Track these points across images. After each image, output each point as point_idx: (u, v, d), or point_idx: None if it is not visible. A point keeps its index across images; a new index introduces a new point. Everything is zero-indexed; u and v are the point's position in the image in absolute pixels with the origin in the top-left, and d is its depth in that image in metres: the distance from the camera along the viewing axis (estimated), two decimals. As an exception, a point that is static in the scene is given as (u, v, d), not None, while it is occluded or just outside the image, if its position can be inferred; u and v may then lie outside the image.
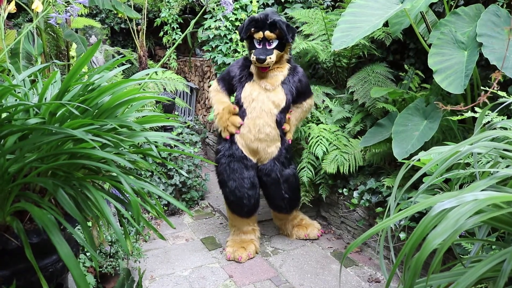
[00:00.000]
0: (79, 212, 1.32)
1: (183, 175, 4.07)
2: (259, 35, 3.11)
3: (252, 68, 3.25)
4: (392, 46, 4.13)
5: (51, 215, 1.23)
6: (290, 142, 3.40)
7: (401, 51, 4.27)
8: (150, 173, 3.92)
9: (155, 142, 1.66)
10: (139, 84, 2.86)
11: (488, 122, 1.98)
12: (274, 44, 3.13)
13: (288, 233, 3.65)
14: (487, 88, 2.24)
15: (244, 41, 3.28)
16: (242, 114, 3.23)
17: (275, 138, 3.27)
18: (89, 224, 1.78)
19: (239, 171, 3.22)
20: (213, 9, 4.85)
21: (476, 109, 2.10)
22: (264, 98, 3.17)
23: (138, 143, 1.66)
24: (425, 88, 3.58)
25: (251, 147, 3.24)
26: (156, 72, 4.93)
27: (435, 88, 3.30)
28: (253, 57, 3.10)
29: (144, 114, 1.66)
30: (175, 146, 3.74)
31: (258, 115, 3.17)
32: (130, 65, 6.39)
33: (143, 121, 1.60)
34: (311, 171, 3.58)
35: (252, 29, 3.11)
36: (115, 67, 1.93)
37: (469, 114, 2.06)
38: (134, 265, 3.08)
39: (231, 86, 3.32)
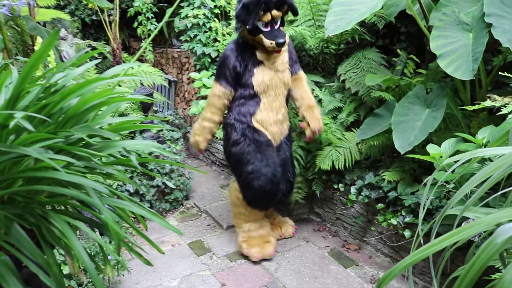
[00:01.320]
0: (44, 247, 1.06)
1: (167, 184, 3.79)
2: (267, 17, 2.76)
3: (258, 53, 2.93)
4: (382, 30, 3.92)
5: (5, 255, 0.97)
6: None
7: (390, 35, 4.06)
8: (130, 176, 3.63)
9: (137, 150, 1.40)
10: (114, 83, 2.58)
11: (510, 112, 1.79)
12: (279, 22, 2.86)
13: None
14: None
15: (241, 26, 2.87)
16: (256, 101, 2.97)
17: (286, 117, 3.14)
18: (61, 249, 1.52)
19: (270, 156, 2.97)
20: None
21: (495, 97, 1.89)
22: (277, 81, 2.95)
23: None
24: (420, 73, 3.38)
25: (270, 130, 3.02)
26: (131, 66, 4.61)
27: (432, 74, 3.11)
28: (271, 43, 2.76)
29: (120, 119, 1.39)
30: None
31: (274, 98, 2.97)
32: (103, 59, 6.03)
33: (119, 128, 1.33)
34: (299, 165, 3.36)
35: (261, 12, 2.74)
36: (86, 62, 1.65)
37: (489, 103, 1.85)
38: (117, 278, 2.82)
39: (237, 77, 2.96)
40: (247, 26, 2.75)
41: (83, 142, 1.26)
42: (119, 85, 3.92)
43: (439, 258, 2.17)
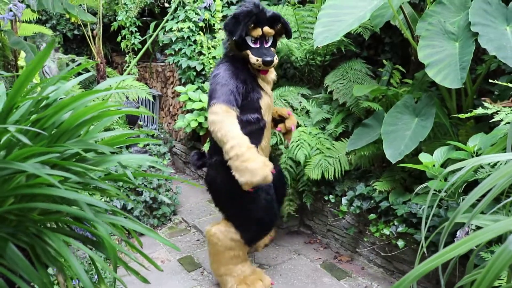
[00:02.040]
0: (38, 268, 1.01)
1: (162, 198, 3.69)
2: (257, 32, 2.52)
3: (254, 71, 2.67)
4: (366, 41, 3.96)
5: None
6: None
7: (375, 46, 4.10)
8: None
9: (130, 164, 1.37)
10: (98, 97, 2.54)
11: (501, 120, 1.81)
12: (270, 42, 2.64)
13: None
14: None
15: (228, 39, 2.61)
16: (262, 126, 2.65)
17: None
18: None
19: (272, 187, 2.71)
20: (184, 5, 4.50)
21: (486, 104, 1.91)
22: (271, 103, 2.77)
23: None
24: (405, 83, 3.42)
25: (265, 156, 2.77)
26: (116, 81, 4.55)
27: (418, 83, 3.14)
28: (257, 60, 2.52)
29: (112, 134, 1.35)
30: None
31: (269, 122, 2.77)
32: (91, 73, 5.96)
33: (113, 142, 1.30)
34: (287, 178, 3.34)
35: (252, 25, 2.52)
36: (71, 77, 1.61)
37: (481, 110, 1.86)
38: (106, 298, 2.74)
39: (242, 99, 2.56)
40: (234, 37, 2.48)
41: (77, 157, 1.22)
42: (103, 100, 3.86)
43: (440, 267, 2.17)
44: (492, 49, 2.20)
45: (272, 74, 2.76)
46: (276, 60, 2.58)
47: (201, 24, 4.86)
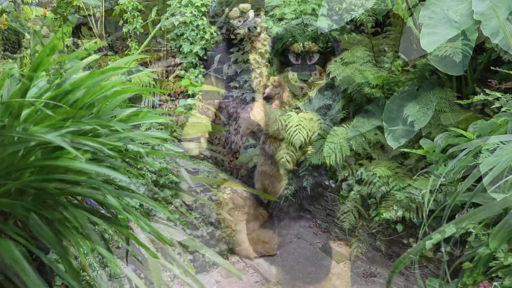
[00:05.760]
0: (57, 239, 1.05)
1: (173, 179, 3.75)
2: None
3: None
4: (369, 29, 3.97)
5: (20, 246, 0.96)
6: None
7: (375, 34, 4.11)
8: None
9: (143, 143, 1.40)
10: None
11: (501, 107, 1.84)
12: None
13: None
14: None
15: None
16: None
17: None
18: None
19: None
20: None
21: (488, 91, 1.94)
22: None
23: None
24: (407, 71, 3.44)
25: None
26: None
27: (419, 71, 3.17)
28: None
29: (124, 112, 1.38)
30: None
31: None
32: (104, 52, 5.95)
33: (128, 119, 1.33)
34: (289, 162, 3.39)
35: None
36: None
37: (481, 97, 1.90)
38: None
39: None
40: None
41: (90, 134, 1.26)
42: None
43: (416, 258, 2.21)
44: (494, 37, 2.23)
45: None
46: None
47: (203, 9, 4.85)
